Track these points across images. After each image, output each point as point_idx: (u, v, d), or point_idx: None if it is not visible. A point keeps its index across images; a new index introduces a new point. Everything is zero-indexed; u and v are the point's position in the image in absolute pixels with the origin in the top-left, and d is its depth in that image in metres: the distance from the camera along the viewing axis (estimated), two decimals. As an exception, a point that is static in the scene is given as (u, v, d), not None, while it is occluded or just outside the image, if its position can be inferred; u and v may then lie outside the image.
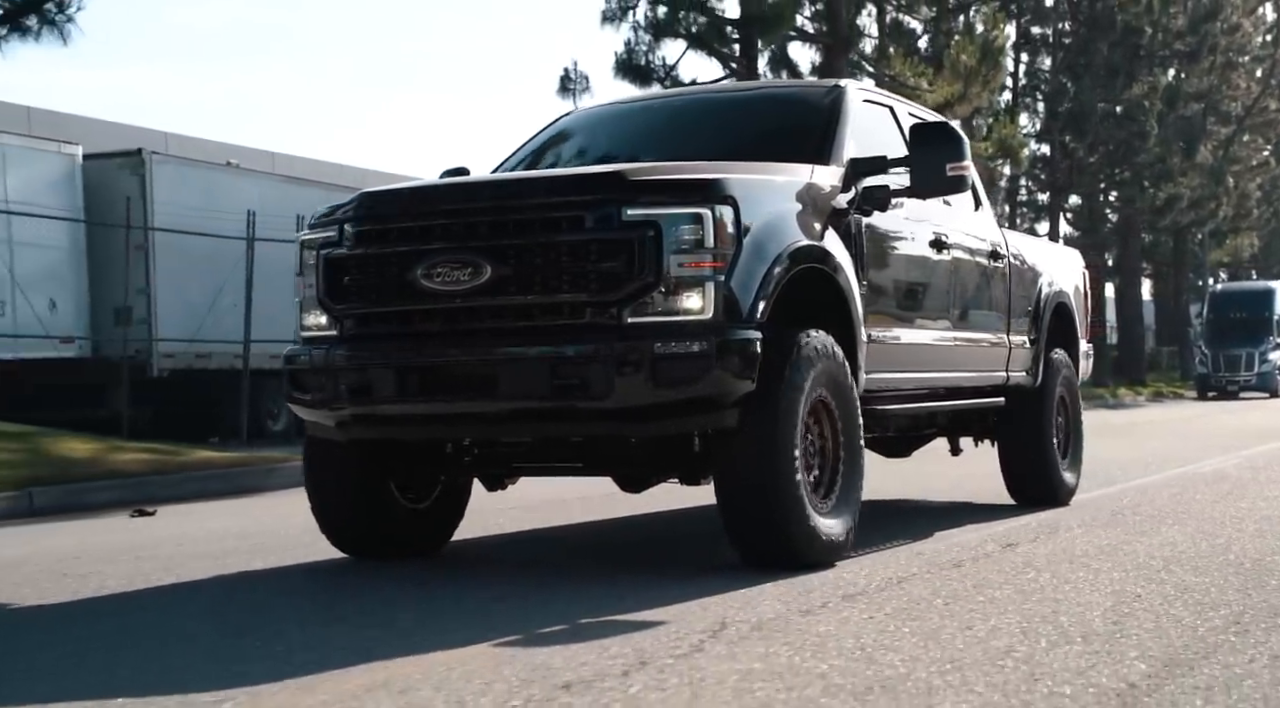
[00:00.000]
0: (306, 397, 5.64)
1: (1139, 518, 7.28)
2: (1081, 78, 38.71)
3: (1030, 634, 4.10)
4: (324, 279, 5.58)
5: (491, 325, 5.25)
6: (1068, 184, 40.13)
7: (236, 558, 6.45)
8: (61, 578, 5.96)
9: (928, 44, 29.56)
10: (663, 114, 7.41)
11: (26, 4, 12.25)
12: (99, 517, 9.38)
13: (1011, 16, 37.99)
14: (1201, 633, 4.12)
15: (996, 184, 34.39)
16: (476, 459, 6.10)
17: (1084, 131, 38.63)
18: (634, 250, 5.05)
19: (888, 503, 8.54)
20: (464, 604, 4.96)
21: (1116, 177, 41.54)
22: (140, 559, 6.54)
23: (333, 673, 3.76)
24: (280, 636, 4.40)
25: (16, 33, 12.42)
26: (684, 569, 5.64)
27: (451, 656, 3.92)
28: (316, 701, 3.45)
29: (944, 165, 6.16)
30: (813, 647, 3.93)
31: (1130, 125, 38.96)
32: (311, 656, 4.01)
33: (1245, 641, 4.00)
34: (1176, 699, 3.33)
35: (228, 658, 4.06)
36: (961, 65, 24.40)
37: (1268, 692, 3.39)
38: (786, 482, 5.25)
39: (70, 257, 17.73)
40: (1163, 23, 40.05)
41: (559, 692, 3.43)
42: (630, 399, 5.06)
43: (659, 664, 3.72)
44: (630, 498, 7.04)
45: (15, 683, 3.85)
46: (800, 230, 5.58)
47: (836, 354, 5.62)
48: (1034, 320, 8.28)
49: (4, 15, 12.29)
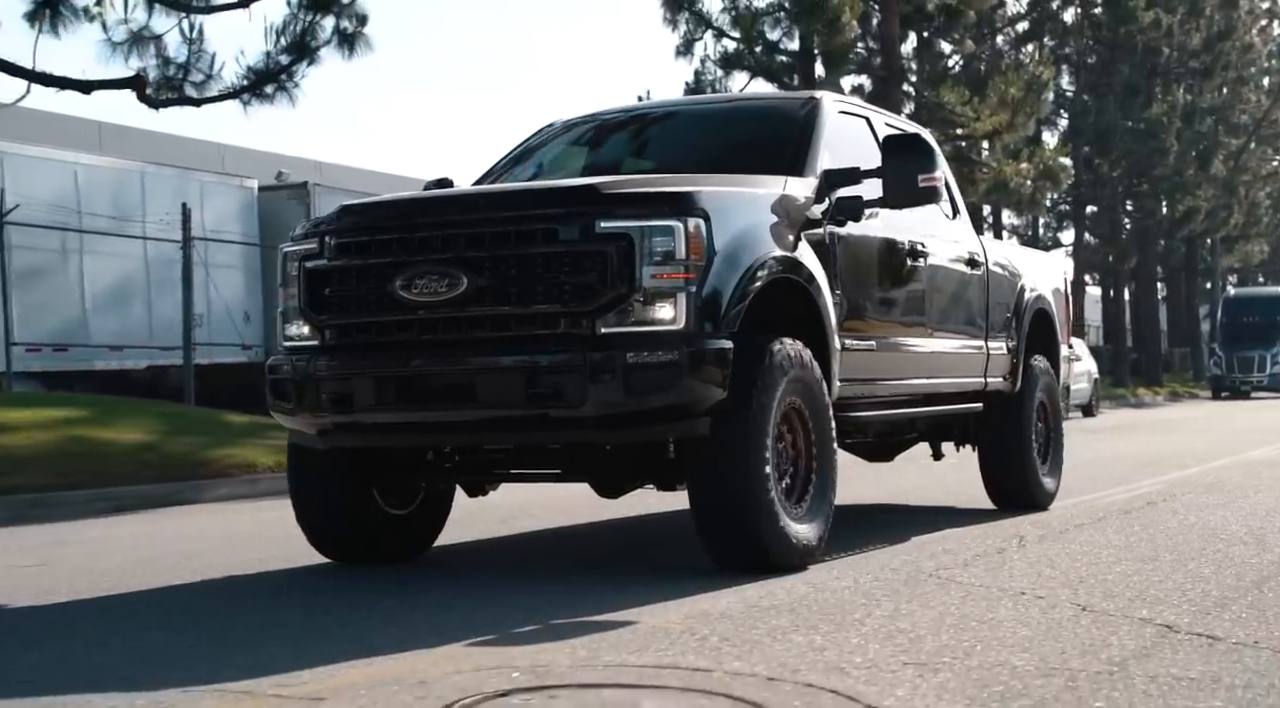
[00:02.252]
0: (289, 405, 5.75)
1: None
2: (1104, 97, 41.01)
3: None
4: (306, 290, 5.70)
5: (469, 336, 5.37)
6: (1091, 197, 41.56)
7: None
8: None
9: (960, 68, 32.47)
10: (642, 126, 7.52)
11: (267, 75, 15.29)
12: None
13: (1034, 36, 40.43)
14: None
15: (1041, 204, 36.53)
16: (457, 466, 6.22)
17: (1108, 148, 40.83)
18: (607, 262, 5.17)
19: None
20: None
21: (1135, 188, 43.87)
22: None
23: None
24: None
25: (258, 97, 15.41)
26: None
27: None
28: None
29: (916, 176, 6.26)
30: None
31: (1151, 142, 41.11)
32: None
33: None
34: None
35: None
36: (1009, 97, 26.69)
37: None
38: (758, 488, 5.37)
39: (249, 277, 22.05)
40: (1179, 42, 42.13)
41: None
42: (604, 407, 5.18)
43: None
44: (609, 503, 7.15)
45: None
46: (773, 241, 5.69)
47: (808, 362, 5.73)
48: (1013, 327, 8.37)
49: (250, 84, 15.27)
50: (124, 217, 20.13)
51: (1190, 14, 42.72)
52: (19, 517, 9.28)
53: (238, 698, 3.62)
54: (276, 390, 5.80)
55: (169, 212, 19.25)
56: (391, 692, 3.59)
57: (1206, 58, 44.23)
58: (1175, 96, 42.99)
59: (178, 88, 15.07)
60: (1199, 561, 5.81)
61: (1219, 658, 3.87)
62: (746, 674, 3.70)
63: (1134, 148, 41.29)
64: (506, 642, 4.27)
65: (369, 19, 15.50)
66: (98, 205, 19.87)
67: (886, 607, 4.75)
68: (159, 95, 14.98)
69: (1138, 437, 17.77)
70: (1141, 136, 41.16)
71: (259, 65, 15.18)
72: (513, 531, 7.74)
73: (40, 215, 18.13)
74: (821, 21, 24.57)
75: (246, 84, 15.12)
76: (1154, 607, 4.67)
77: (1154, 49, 41.91)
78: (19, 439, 11.28)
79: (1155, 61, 42.48)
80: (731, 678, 3.65)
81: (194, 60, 14.93)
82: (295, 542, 6.43)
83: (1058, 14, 41.09)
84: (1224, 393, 39.34)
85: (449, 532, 6.77)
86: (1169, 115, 41.40)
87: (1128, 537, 6.70)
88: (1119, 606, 4.71)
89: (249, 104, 15.39)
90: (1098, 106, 41.17)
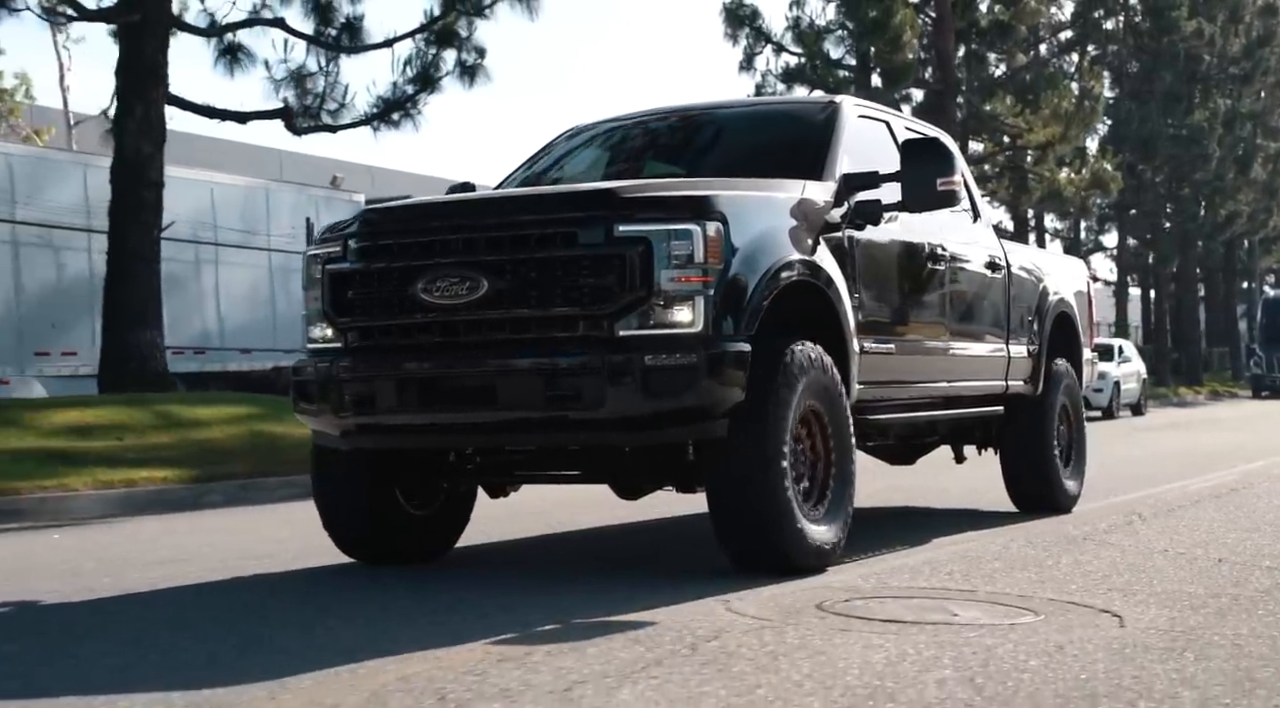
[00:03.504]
0: (312, 407, 5.83)
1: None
2: (1146, 103, 42.41)
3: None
4: (329, 293, 5.77)
5: (489, 338, 5.42)
6: (1134, 201, 42.40)
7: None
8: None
9: (1007, 77, 33.93)
10: (663, 130, 7.56)
11: (394, 103, 17.13)
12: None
13: (1074, 45, 42.10)
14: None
15: (1091, 211, 38.03)
16: (478, 467, 6.28)
17: (1151, 154, 42.23)
18: (625, 265, 5.22)
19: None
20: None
21: (1176, 192, 45.56)
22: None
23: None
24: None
25: (386, 124, 17.20)
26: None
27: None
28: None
29: (934, 180, 6.28)
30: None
31: (1193, 147, 42.74)
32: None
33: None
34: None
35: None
36: (1062, 110, 28.50)
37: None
38: (775, 489, 5.40)
39: None
40: (1220, 49, 43.53)
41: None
42: (622, 409, 5.22)
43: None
44: (628, 504, 7.19)
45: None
46: (791, 245, 5.73)
47: (827, 365, 5.76)
48: (1034, 330, 8.38)
49: (380, 112, 17.11)
50: (251, 230, 22.92)
51: (1230, 21, 43.42)
52: (233, 499, 10.73)
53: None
54: (300, 392, 5.88)
55: (294, 226, 22.44)
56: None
57: (1246, 64, 45.64)
58: (1216, 103, 44.14)
59: (315, 116, 16.94)
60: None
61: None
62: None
63: (1176, 153, 42.64)
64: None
65: (487, 52, 17.37)
66: (230, 220, 22.53)
67: (1066, 559, 5.95)
68: (301, 123, 16.89)
69: (1193, 434, 19.64)
70: (1184, 142, 42.58)
71: (387, 95, 17.06)
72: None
73: (183, 231, 20.43)
74: (884, 40, 26.67)
75: (377, 112, 16.99)
76: (1275, 560, 5.95)
77: (1195, 56, 43.29)
78: (215, 433, 12.96)
79: (1196, 68, 43.78)
80: (997, 594, 5.02)
81: (329, 91, 16.98)
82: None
83: (1100, 23, 42.23)
84: (1264, 392, 40.39)
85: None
86: (1210, 121, 42.75)
87: (1227, 514, 7.86)
88: (1245, 559, 5.97)
89: (378, 129, 17.24)
90: (1140, 113, 42.23)
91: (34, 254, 20.39)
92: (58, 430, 12.34)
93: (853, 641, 4.15)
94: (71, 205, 20.40)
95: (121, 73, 14.86)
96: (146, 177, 14.82)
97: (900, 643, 4.10)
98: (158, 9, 14.87)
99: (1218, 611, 4.66)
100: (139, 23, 14.65)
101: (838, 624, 4.42)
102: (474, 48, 17.11)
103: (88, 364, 19.18)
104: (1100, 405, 28.17)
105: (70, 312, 20.54)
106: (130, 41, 14.80)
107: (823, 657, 3.92)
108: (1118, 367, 29.73)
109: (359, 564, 6.37)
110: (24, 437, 12.00)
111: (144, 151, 14.84)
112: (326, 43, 16.68)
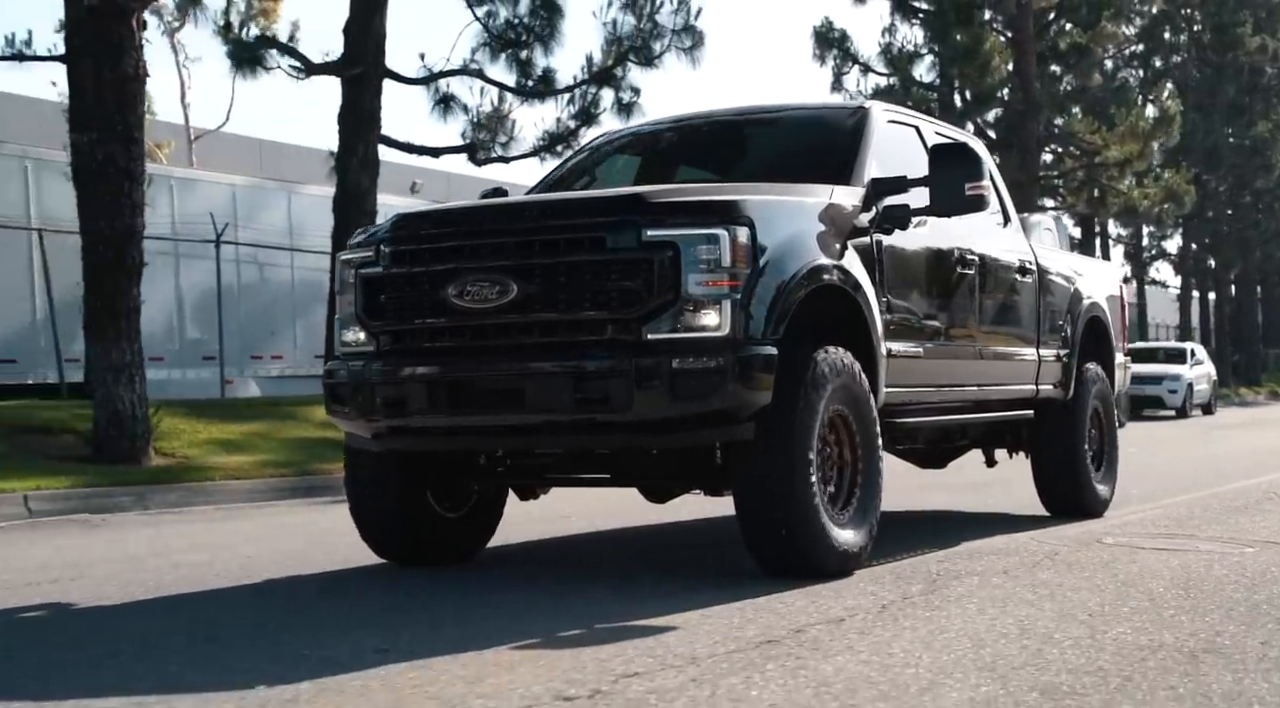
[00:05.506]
0: (345, 409, 5.90)
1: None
2: (1210, 115, 44.27)
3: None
4: (362, 297, 5.84)
5: (518, 341, 5.47)
6: (1198, 209, 44.20)
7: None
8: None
9: (1079, 92, 35.61)
10: (693, 135, 7.59)
11: (558, 137, 18.78)
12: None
13: (1140, 58, 44.69)
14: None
15: (1166, 222, 41.03)
16: (509, 470, 6.34)
17: (1215, 165, 44.18)
18: (653, 269, 5.26)
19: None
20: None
21: (1238, 200, 47.80)
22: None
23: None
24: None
25: (552, 155, 18.81)
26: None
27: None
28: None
29: (963, 185, 6.29)
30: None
31: (1255, 158, 45.25)
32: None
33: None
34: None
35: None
36: (1140, 129, 30.03)
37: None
38: (802, 493, 5.43)
39: None
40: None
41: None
42: (650, 412, 5.26)
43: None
44: (657, 507, 7.23)
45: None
46: (819, 249, 5.75)
47: (854, 369, 5.78)
48: (1066, 334, 8.37)
49: (545, 145, 18.79)
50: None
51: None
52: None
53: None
54: (333, 394, 5.95)
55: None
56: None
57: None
58: (1278, 114, 46.53)
59: (489, 148, 18.95)
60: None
61: None
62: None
63: (1239, 163, 44.94)
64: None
65: (642, 91, 19.02)
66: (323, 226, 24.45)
67: (1242, 519, 7.63)
68: (480, 156, 18.90)
69: (1270, 432, 21.39)
70: (1246, 152, 45.04)
71: (553, 129, 18.97)
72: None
73: (270, 239, 22.69)
74: (973, 66, 28.62)
75: (543, 144, 18.93)
76: None
77: (1257, 69, 45.56)
78: (330, 433, 13.11)
79: (1258, 80, 45.99)
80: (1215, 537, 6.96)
81: (500, 126, 19.00)
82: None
83: (1165, 39, 44.42)
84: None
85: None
86: (1272, 132, 45.19)
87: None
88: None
89: (544, 160, 18.98)
90: (1205, 125, 43.76)
91: (249, 271, 23.02)
92: (326, 422, 12.80)
93: (1148, 557, 6.23)
94: (278, 228, 23.10)
95: (343, 117, 16.40)
96: (364, 206, 16.21)
97: (1180, 559, 6.16)
98: (375, 63, 16.37)
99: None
100: (359, 75, 16.23)
101: (1126, 550, 6.51)
102: (630, 87, 18.95)
103: (292, 366, 22.81)
104: (1175, 406, 30.65)
105: (277, 321, 23.33)
106: (352, 89, 16.35)
107: (1136, 566, 5.95)
108: (1190, 369, 31.54)
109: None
110: (304, 428, 13.99)
111: (363, 185, 16.28)
112: (523, 91, 18.75)
